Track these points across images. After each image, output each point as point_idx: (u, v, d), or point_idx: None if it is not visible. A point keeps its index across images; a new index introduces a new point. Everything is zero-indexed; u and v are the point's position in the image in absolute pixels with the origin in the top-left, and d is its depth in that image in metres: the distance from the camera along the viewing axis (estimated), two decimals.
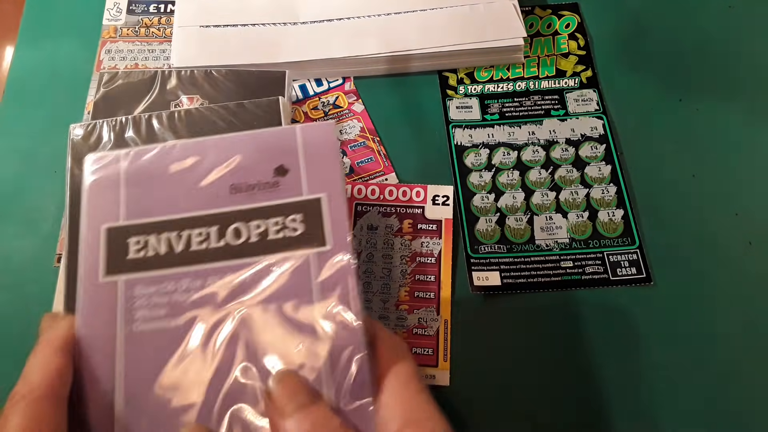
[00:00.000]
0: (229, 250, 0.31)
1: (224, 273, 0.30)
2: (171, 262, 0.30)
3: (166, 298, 0.29)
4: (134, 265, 0.30)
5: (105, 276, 0.29)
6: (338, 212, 0.32)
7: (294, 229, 0.31)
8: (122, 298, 0.29)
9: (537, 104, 0.48)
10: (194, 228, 0.31)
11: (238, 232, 0.31)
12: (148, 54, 0.50)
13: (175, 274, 0.30)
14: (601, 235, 0.43)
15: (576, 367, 0.40)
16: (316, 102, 0.49)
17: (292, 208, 0.31)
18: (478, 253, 0.43)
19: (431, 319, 0.41)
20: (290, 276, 0.30)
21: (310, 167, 0.33)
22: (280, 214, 0.31)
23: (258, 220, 0.31)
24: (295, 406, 0.27)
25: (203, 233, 0.31)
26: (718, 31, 0.51)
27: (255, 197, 0.32)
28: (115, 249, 0.30)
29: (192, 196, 0.31)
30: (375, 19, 0.49)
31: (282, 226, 0.31)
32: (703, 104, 0.48)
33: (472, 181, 0.45)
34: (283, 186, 0.32)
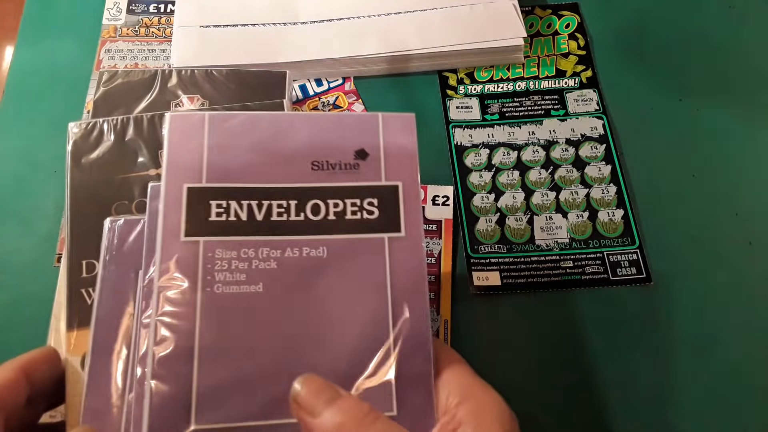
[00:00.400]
0: (308, 224, 0.31)
1: (302, 246, 0.30)
2: (252, 230, 0.30)
3: (246, 264, 0.29)
4: (215, 229, 0.30)
5: (185, 236, 0.29)
6: (413, 202, 0.32)
7: (370, 212, 0.31)
8: (202, 258, 0.29)
9: (537, 104, 0.48)
10: (275, 199, 0.31)
11: (317, 208, 0.31)
12: (148, 54, 0.50)
13: (255, 241, 0.30)
14: (601, 235, 0.43)
15: (576, 366, 0.40)
16: (316, 102, 0.49)
17: (370, 192, 0.32)
18: (478, 253, 0.43)
19: (431, 319, 0.41)
20: (365, 257, 0.30)
21: (390, 155, 0.33)
22: (358, 196, 0.32)
23: (336, 199, 0.31)
24: (324, 402, 0.27)
25: (284, 205, 0.31)
26: (718, 31, 0.51)
27: (335, 177, 0.32)
28: (196, 210, 0.30)
29: (274, 167, 0.32)
30: (375, 19, 0.49)
31: (359, 207, 0.31)
32: (703, 104, 0.48)
33: (472, 181, 0.45)
34: (363, 169, 0.32)
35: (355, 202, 0.32)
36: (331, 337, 0.29)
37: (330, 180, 0.32)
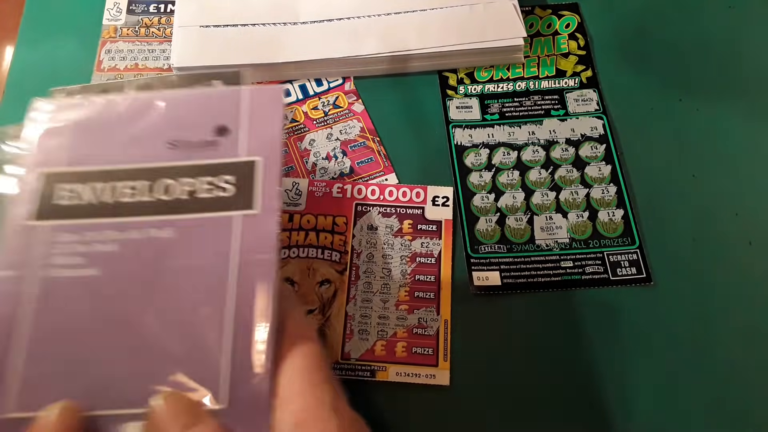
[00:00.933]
0: (158, 205, 0.30)
1: (148, 227, 0.30)
2: (97, 213, 0.30)
3: (86, 247, 0.29)
4: (62, 212, 0.30)
5: (33, 219, 0.30)
6: (271, 177, 0.31)
7: (224, 190, 0.31)
8: (45, 243, 0.29)
9: (537, 104, 0.48)
10: (124, 180, 0.31)
11: (169, 188, 0.31)
12: (148, 54, 0.50)
13: (98, 224, 0.30)
14: (601, 235, 0.43)
15: (576, 366, 0.40)
16: (316, 102, 0.49)
17: (226, 169, 0.31)
18: (478, 253, 0.43)
19: (431, 319, 0.41)
20: (213, 237, 0.30)
21: (252, 130, 0.32)
22: (213, 174, 0.31)
23: (189, 178, 0.31)
24: (180, 427, 0.26)
25: (134, 186, 0.31)
26: (718, 31, 0.51)
27: (192, 155, 0.32)
28: (47, 194, 0.30)
29: (128, 148, 0.32)
30: (375, 19, 0.49)
31: (213, 186, 0.31)
32: (703, 104, 0.48)
33: (472, 181, 0.45)
34: (221, 146, 0.32)
35: (210, 180, 0.31)
36: (171, 320, 0.28)
37: (185, 159, 0.32)
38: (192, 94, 0.34)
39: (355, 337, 0.41)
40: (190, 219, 0.30)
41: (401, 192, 0.45)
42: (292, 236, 0.43)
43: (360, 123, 0.48)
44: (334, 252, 0.43)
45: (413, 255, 0.43)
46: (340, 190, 0.45)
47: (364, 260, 0.43)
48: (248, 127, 0.33)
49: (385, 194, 0.45)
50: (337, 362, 0.40)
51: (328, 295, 0.42)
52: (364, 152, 0.47)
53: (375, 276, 0.43)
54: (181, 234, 0.30)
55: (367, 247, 0.43)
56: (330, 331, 0.41)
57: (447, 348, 0.41)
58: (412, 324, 0.41)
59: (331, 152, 0.47)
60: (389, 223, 0.44)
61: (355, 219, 0.44)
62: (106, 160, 0.31)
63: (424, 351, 0.40)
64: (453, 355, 0.40)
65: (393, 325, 0.41)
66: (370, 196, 0.45)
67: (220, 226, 0.30)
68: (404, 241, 0.43)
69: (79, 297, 0.29)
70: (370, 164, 0.46)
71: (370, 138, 0.47)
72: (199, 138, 0.32)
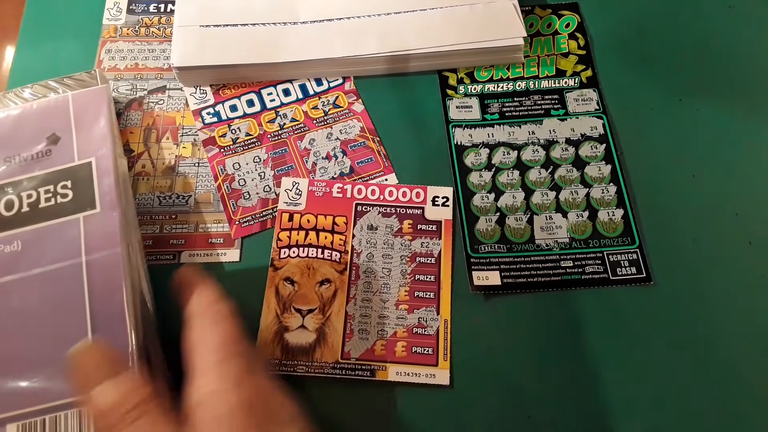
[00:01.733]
0: (2, 222, 0.31)
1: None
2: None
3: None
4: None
5: None
6: (106, 175, 0.32)
7: (65, 196, 0.32)
8: None
9: (537, 104, 0.48)
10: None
11: (10, 204, 0.32)
12: (148, 54, 0.50)
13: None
14: (601, 234, 0.43)
15: (576, 366, 0.40)
16: (316, 101, 0.49)
17: (63, 175, 0.32)
18: (478, 253, 0.43)
19: (431, 319, 0.41)
20: (61, 242, 0.31)
21: (81, 133, 0.34)
22: (51, 183, 0.32)
23: (29, 190, 0.32)
24: (102, 375, 0.27)
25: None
26: (718, 31, 0.51)
27: (28, 167, 0.33)
28: None
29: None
30: (375, 19, 0.49)
31: (53, 193, 0.32)
32: (703, 104, 0.48)
33: (472, 181, 0.45)
34: (55, 154, 0.33)
35: (49, 189, 0.32)
36: (28, 329, 0.29)
37: (22, 172, 0.32)
38: (22, 110, 0.35)
39: (355, 336, 0.41)
40: (35, 229, 0.31)
41: (401, 192, 0.45)
42: (292, 236, 0.43)
43: (360, 123, 0.48)
44: (334, 252, 0.43)
45: (413, 255, 0.43)
46: (340, 189, 0.45)
47: (364, 260, 0.43)
48: (77, 131, 0.34)
49: (385, 194, 0.45)
50: (337, 362, 0.40)
51: (328, 294, 0.42)
52: (364, 152, 0.47)
53: (375, 276, 0.43)
54: (29, 246, 0.31)
55: (367, 246, 0.43)
56: (330, 331, 0.41)
57: (447, 347, 0.41)
58: (412, 324, 0.41)
59: (331, 152, 0.47)
60: (389, 223, 0.44)
61: (355, 219, 0.44)
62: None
63: (424, 351, 0.40)
64: (453, 355, 0.41)
65: (393, 325, 0.41)
66: (370, 196, 0.45)
67: (66, 231, 0.31)
68: (404, 241, 0.44)
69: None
70: (370, 164, 0.47)
71: (370, 138, 0.47)
72: (34, 150, 0.33)
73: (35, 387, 0.29)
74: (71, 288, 0.30)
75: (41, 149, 0.33)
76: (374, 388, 0.40)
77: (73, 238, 0.31)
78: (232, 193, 0.45)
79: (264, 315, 0.41)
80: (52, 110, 0.35)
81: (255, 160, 0.47)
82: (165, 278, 0.42)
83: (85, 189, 0.32)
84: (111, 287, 0.30)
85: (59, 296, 0.30)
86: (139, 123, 0.47)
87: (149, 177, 0.46)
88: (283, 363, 0.40)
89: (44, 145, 0.33)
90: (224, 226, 0.44)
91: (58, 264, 0.31)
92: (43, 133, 0.34)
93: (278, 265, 0.43)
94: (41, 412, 0.29)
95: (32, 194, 0.32)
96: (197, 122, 0.48)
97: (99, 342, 0.29)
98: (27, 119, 0.34)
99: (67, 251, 0.31)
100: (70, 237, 0.31)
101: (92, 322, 0.30)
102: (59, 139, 0.34)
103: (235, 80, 0.49)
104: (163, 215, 0.44)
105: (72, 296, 0.30)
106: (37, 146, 0.33)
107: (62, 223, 0.31)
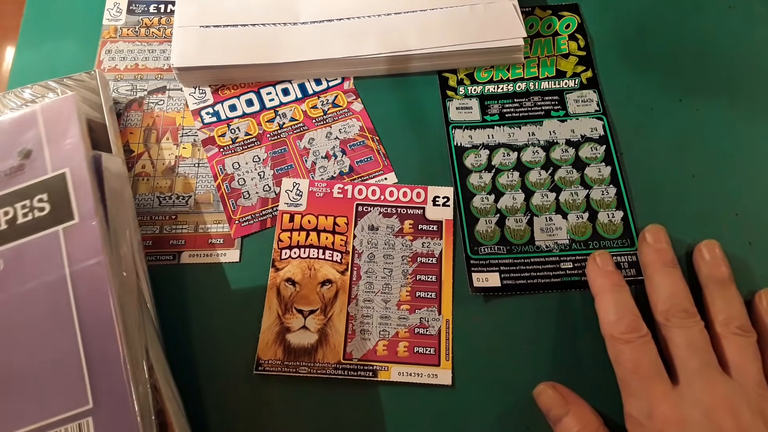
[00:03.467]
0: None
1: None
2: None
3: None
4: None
5: None
6: (82, 184, 0.32)
7: (42, 209, 0.31)
8: None
9: (537, 105, 0.48)
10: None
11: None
12: (148, 54, 0.50)
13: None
14: (601, 236, 0.44)
15: (576, 367, 0.41)
16: (315, 101, 0.49)
17: (38, 189, 0.32)
18: (477, 254, 0.43)
19: (433, 319, 0.41)
20: (42, 257, 0.30)
21: (52, 144, 0.33)
22: (27, 197, 0.32)
23: (6, 207, 0.32)
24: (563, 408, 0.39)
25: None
26: (718, 31, 0.51)
27: (2, 184, 0.32)
28: None
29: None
30: (375, 19, 0.49)
31: (29, 208, 0.31)
32: (703, 104, 0.48)
33: (471, 182, 0.46)
34: (28, 168, 0.33)
35: (25, 204, 0.32)
36: (18, 346, 0.29)
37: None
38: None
39: (357, 337, 0.41)
40: (15, 246, 0.31)
41: (402, 192, 0.45)
42: (293, 236, 0.43)
43: (359, 122, 0.48)
44: (336, 252, 0.43)
45: (414, 255, 0.43)
46: (340, 190, 0.45)
47: (365, 260, 0.43)
48: (49, 142, 0.33)
49: (386, 194, 0.45)
50: (339, 362, 0.40)
51: (330, 295, 0.42)
52: (364, 151, 0.47)
53: (376, 276, 0.43)
54: (11, 263, 0.30)
55: (368, 247, 0.43)
56: (332, 332, 0.41)
57: (449, 347, 0.41)
58: (414, 324, 0.41)
59: (331, 151, 0.47)
60: (390, 223, 0.44)
61: (356, 219, 0.44)
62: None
63: (426, 351, 0.41)
64: (455, 355, 0.41)
65: (395, 325, 0.41)
66: (370, 197, 0.45)
67: (47, 245, 0.31)
68: (405, 241, 0.44)
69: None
70: (369, 163, 0.47)
71: (369, 137, 0.47)
72: (6, 166, 0.33)
73: (30, 405, 0.29)
74: (57, 301, 0.30)
75: (14, 164, 0.33)
76: (376, 388, 0.40)
77: (54, 251, 0.31)
78: (231, 192, 0.45)
79: (265, 316, 0.41)
80: (22, 124, 0.34)
81: (254, 160, 0.47)
82: (165, 278, 0.42)
83: (62, 200, 0.32)
84: (98, 296, 0.30)
85: (46, 310, 0.30)
86: (139, 123, 0.47)
87: (149, 177, 0.46)
88: (285, 364, 0.40)
89: (17, 160, 0.33)
90: (224, 226, 0.44)
91: (42, 278, 0.30)
92: (15, 147, 0.34)
93: (279, 266, 0.43)
94: (39, 430, 0.28)
95: (9, 211, 0.32)
96: (196, 122, 0.48)
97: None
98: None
99: (49, 265, 0.30)
100: (51, 250, 0.31)
101: (81, 331, 0.30)
102: (31, 152, 0.33)
103: (235, 81, 0.49)
104: (163, 215, 0.44)
105: (59, 308, 0.30)
106: (9, 161, 0.33)
107: (42, 237, 0.31)
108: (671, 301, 0.38)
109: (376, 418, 0.39)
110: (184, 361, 0.33)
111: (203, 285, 0.43)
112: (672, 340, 0.37)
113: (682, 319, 0.37)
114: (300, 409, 0.40)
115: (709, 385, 0.35)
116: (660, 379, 0.36)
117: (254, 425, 0.39)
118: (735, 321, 0.37)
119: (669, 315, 0.37)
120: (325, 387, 0.40)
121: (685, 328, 0.37)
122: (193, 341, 0.41)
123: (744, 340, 0.37)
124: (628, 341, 0.36)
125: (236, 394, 0.40)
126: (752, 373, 0.36)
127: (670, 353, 0.37)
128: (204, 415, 0.39)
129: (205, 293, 0.42)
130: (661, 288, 0.39)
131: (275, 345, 0.40)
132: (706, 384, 0.35)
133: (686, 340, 0.36)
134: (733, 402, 0.34)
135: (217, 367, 0.40)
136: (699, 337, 0.37)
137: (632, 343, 0.36)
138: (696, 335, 0.37)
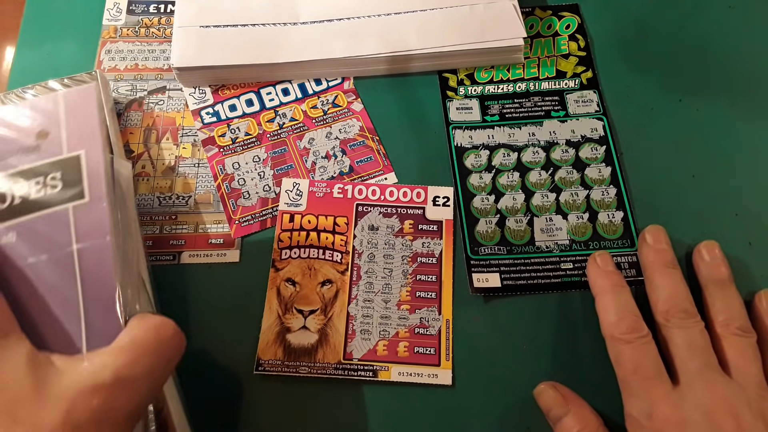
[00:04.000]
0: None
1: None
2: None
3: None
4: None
5: None
6: (96, 167, 0.34)
7: (54, 186, 0.33)
8: None
9: (537, 105, 0.48)
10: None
11: (2, 197, 0.33)
12: (148, 54, 0.50)
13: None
14: (601, 237, 0.44)
15: (576, 367, 0.41)
16: (315, 101, 0.49)
17: (52, 167, 0.34)
18: (478, 255, 0.43)
19: (433, 319, 0.41)
20: (52, 231, 0.32)
21: (71, 128, 0.35)
22: (41, 174, 0.34)
23: (21, 183, 0.33)
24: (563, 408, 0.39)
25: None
26: (718, 31, 0.51)
27: (18, 162, 0.34)
28: None
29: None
30: (375, 20, 0.49)
31: (42, 185, 0.33)
32: (703, 104, 0.48)
33: (472, 183, 0.46)
34: (44, 148, 0.35)
35: (39, 180, 0.33)
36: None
37: (12, 167, 0.34)
38: (12, 109, 0.37)
39: (357, 337, 0.41)
40: (27, 220, 0.32)
41: (402, 192, 0.45)
42: (293, 236, 0.43)
43: (359, 122, 0.48)
44: (336, 252, 0.43)
45: (414, 255, 0.43)
46: (341, 190, 0.45)
47: (365, 260, 0.43)
48: (67, 125, 0.35)
49: (386, 194, 0.45)
50: (339, 362, 0.40)
51: (330, 295, 0.42)
52: (364, 151, 0.47)
53: (376, 276, 0.43)
54: (23, 236, 0.32)
55: (368, 247, 0.43)
56: (332, 332, 0.41)
57: (449, 347, 0.41)
58: (414, 324, 0.41)
59: (331, 151, 0.47)
60: (390, 223, 0.44)
61: (356, 219, 0.44)
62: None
63: (427, 351, 0.41)
64: (455, 355, 0.41)
65: (395, 325, 0.41)
66: (370, 197, 0.45)
67: (56, 221, 0.32)
68: (405, 241, 0.44)
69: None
70: (369, 163, 0.47)
71: (369, 137, 0.47)
72: (23, 146, 0.35)
73: None
74: (64, 276, 0.31)
75: (31, 144, 0.35)
76: (376, 388, 0.40)
77: (63, 228, 0.32)
78: (231, 192, 0.45)
79: (266, 316, 0.41)
80: (42, 108, 0.36)
81: (254, 160, 0.47)
82: (165, 278, 0.42)
83: (75, 180, 0.33)
84: (102, 274, 0.31)
85: (53, 284, 0.31)
86: (139, 123, 0.47)
87: (149, 177, 0.46)
88: (286, 364, 0.40)
89: (34, 141, 0.35)
90: (224, 226, 0.44)
91: (51, 253, 0.31)
92: (33, 129, 0.35)
93: (279, 266, 0.43)
94: None
95: (24, 186, 0.33)
96: (196, 122, 0.48)
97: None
98: (17, 118, 0.36)
99: (58, 240, 0.32)
100: (60, 226, 0.32)
101: (85, 308, 0.31)
102: (48, 134, 0.35)
103: (235, 81, 0.49)
104: (163, 216, 0.44)
105: (65, 284, 0.31)
106: (27, 142, 0.35)
107: (52, 213, 0.32)
108: (671, 302, 0.38)
109: (376, 418, 0.39)
110: (184, 361, 0.33)
111: (203, 285, 0.43)
112: (672, 341, 0.37)
113: (682, 320, 0.37)
114: (300, 409, 0.40)
115: (710, 386, 0.35)
116: (660, 380, 0.36)
117: (254, 425, 0.39)
118: (735, 321, 0.38)
119: (669, 315, 0.37)
120: (325, 387, 0.40)
121: (685, 329, 0.37)
122: (193, 341, 0.41)
123: (744, 341, 0.37)
124: (628, 341, 0.36)
125: (236, 394, 0.40)
126: (752, 374, 0.36)
127: (670, 354, 0.37)
128: (204, 415, 0.39)
129: (205, 293, 0.42)
130: (661, 289, 0.39)
131: (275, 345, 0.40)
132: (707, 385, 0.35)
133: (686, 340, 0.36)
134: (733, 403, 0.34)
135: (218, 367, 0.40)
136: (699, 337, 0.37)
137: (633, 344, 0.36)
138: (696, 336, 0.37)
